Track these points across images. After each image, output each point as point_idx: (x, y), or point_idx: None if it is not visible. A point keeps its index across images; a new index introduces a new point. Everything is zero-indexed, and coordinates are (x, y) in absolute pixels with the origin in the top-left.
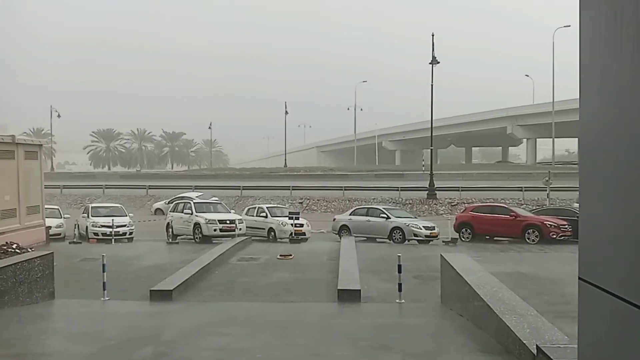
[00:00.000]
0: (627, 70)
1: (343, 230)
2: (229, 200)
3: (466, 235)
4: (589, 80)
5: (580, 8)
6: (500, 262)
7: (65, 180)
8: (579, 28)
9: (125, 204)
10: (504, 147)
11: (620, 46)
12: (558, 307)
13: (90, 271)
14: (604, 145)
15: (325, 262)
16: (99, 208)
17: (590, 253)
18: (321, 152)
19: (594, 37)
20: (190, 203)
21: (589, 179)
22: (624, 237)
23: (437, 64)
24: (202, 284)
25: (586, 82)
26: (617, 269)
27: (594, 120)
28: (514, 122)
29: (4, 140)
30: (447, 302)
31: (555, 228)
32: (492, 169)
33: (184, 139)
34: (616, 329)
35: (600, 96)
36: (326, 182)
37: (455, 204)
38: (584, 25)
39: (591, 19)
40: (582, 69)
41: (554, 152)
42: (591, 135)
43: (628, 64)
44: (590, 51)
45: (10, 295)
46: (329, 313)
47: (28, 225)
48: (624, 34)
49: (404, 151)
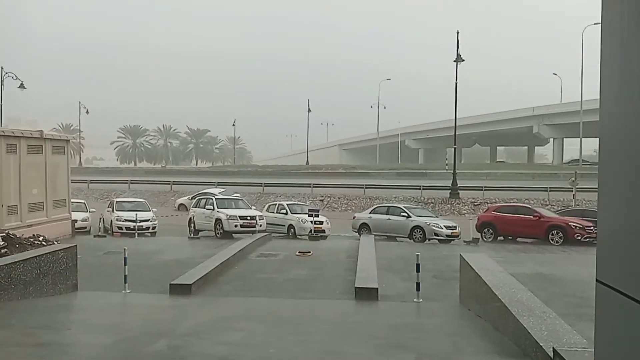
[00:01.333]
0: None
1: (363, 229)
2: (251, 197)
3: (488, 235)
4: (610, 79)
5: (602, 6)
6: (522, 263)
7: (93, 175)
8: (601, 26)
9: (150, 199)
10: (529, 146)
11: None
12: (579, 309)
13: (112, 264)
14: (624, 146)
15: (343, 260)
16: (123, 203)
17: (608, 255)
18: (343, 150)
19: (616, 36)
20: (212, 199)
21: (608, 180)
22: None
23: (461, 62)
24: (221, 279)
25: (607, 81)
26: (636, 271)
27: (614, 121)
28: (540, 121)
29: (33, 136)
30: (466, 303)
31: (580, 229)
32: (517, 169)
33: (209, 135)
34: (633, 332)
35: (620, 96)
36: (347, 180)
37: (478, 203)
38: (605, 23)
39: (613, 17)
40: (603, 68)
41: (582, 152)
42: (611, 136)
43: None
44: (612, 50)
45: (34, 286)
46: (346, 310)
47: (54, 219)
48: None
49: (427, 150)
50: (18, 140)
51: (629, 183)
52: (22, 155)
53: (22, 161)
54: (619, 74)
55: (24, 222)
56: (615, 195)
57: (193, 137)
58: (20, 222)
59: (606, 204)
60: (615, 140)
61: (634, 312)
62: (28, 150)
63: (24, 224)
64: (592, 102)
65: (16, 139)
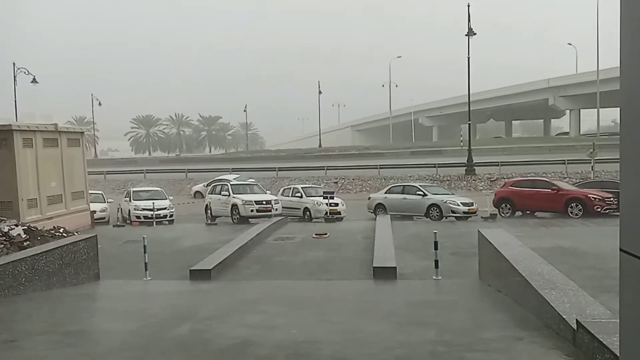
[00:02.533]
0: None
1: (379, 209)
2: (265, 182)
3: (506, 210)
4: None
5: None
6: (541, 237)
7: (108, 166)
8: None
9: (166, 187)
10: (545, 119)
11: None
12: (601, 281)
13: (132, 253)
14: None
15: (360, 241)
16: (140, 192)
17: (632, 223)
18: (356, 131)
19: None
20: (227, 185)
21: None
22: None
23: (473, 36)
24: (239, 263)
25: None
26: None
27: (636, 88)
28: (555, 93)
29: (48, 129)
30: (485, 278)
31: (600, 201)
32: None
33: (221, 122)
34: None
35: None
36: (361, 161)
37: (495, 179)
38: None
39: None
40: (622, 33)
41: (599, 123)
42: (632, 104)
43: None
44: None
45: (57, 276)
46: (365, 290)
47: (73, 210)
48: None
49: (441, 127)
50: (34, 135)
51: None
52: (38, 149)
53: (39, 155)
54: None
55: (44, 214)
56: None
57: (205, 124)
58: (41, 214)
59: (628, 173)
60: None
61: None
62: (44, 144)
63: (44, 217)
64: (608, 72)
65: (32, 133)
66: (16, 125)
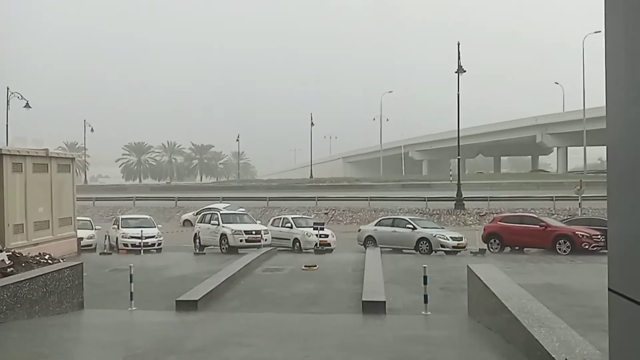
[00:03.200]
0: None
1: (368, 241)
2: (256, 211)
3: (495, 246)
4: (616, 85)
5: (605, 15)
6: (530, 274)
7: (98, 192)
8: (605, 35)
9: (155, 215)
10: (533, 156)
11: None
12: (591, 320)
13: (118, 281)
14: (633, 153)
15: (350, 273)
16: (128, 219)
17: (620, 263)
18: (347, 163)
19: (620, 45)
20: (217, 214)
21: (618, 187)
22: None
23: (463, 73)
24: (227, 294)
25: (613, 87)
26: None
27: (622, 127)
28: (543, 131)
29: (38, 154)
30: (475, 315)
31: (588, 238)
32: (522, 179)
33: (213, 151)
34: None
35: (628, 102)
36: (352, 193)
37: (484, 214)
38: (609, 32)
39: (617, 26)
40: (608, 78)
41: (586, 160)
42: (619, 142)
43: None
44: (616, 59)
45: (40, 304)
46: (353, 324)
47: (60, 237)
48: None
49: (431, 161)
50: (24, 159)
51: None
52: (27, 174)
53: (28, 180)
54: (625, 80)
55: (30, 240)
56: (626, 202)
57: (197, 152)
58: (27, 240)
59: (616, 212)
60: (624, 147)
61: None
62: (34, 169)
63: (29, 243)
64: (594, 110)
65: (22, 157)
66: (6, 150)
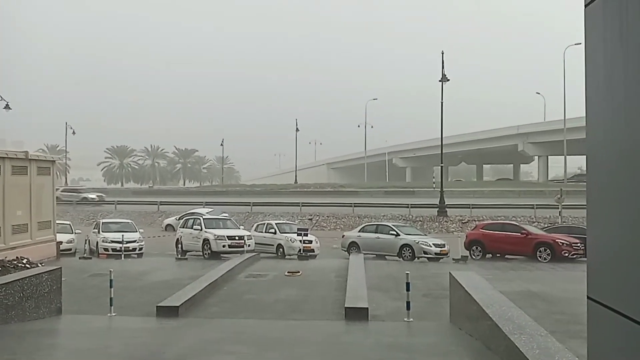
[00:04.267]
0: (634, 90)
1: (352, 247)
2: (239, 217)
3: (477, 253)
4: (595, 99)
5: (585, 28)
6: (511, 281)
7: None
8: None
9: (137, 219)
10: (515, 164)
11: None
12: (570, 327)
13: (98, 287)
14: (612, 163)
15: (333, 280)
16: (109, 224)
17: (599, 272)
18: (331, 169)
19: (599, 57)
20: (199, 219)
21: (597, 196)
22: (633, 256)
23: (446, 82)
24: (209, 300)
25: (592, 101)
26: (627, 288)
27: (601, 138)
28: (525, 140)
29: (18, 156)
30: (456, 321)
31: (568, 246)
32: (500, 187)
33: (196, 155)
34: (626, 350)
35: (607, 115)
36: (336, 199)
37: (466, 221)
38: (589, 45)
39: (597, 40)
40: (588, 89)
41: (566, 169)
42: (599, 153)
43: (634, 85)
44: (596, 71)
45: (17, 310)
46: (336, 331)
47: (39, 240)
48: (629, 55)
49: (415, 168)
50: (2, 161)
51: (617, 200)
52: (6, 176)
53: (7, 182)
54: (604, 90)
55: (7, 244)
56: (605, 211)
57: (181, 157)
58: (4, 244)
59: (596, 221)
60: (604, 157)
61: (626, 328)
62: (12, 171)
63: (7, 247)
64: (575, 120)
65: (0, 160)
66: None
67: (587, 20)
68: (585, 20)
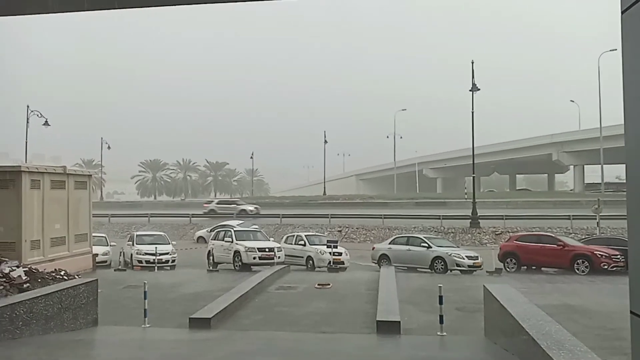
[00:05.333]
0: None
1: (383, 260)
2: (269, 229)
3: (511, 265)
4: (634, 106)
5: (622, 34)
6: (548, 294)
7: (114, 209)
8: (622, 54)
9: (169, 232)
10: (549, 174)
11: None
12: (611, 342)
13: (132, 298)
14: None
15: (363, 292)
16: (143, 236)
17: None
18: (360, 180)
19: (638, 63)
20: (230, 231)
21: (638, 206)
22: None
23: (477, 91)
24: (240, 312)
25: (631, 108)
26: None
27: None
28: (559, 149)
29: (56, 171)
30: (491, 336)
31: (607, 258)
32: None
33: (227, 168)
34: None
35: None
36: (365, 210)
37: (500, 232)
38: (627, 51)
39: (634, 45)
40: (626, 96)
41: (603, 179)
42: (638, 163)
43: None
44: (634, 77)
45: (55, 321)
46: (367, 345)
47: (76, 253)
48: None
49: (446, 179)
50: (42, 176)
51: None
52: (45, 190)
53: (46, 196)
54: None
55: (46, 256)
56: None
57: (212, 170)
58: (43, 256)
59: (637, 232)
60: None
61: None
62: (51, 186)
63: (46, 259)
64: (611, 129)
65: (40, 174)
66: (25, 167)
67: (624, 26)
68: (623, 26)
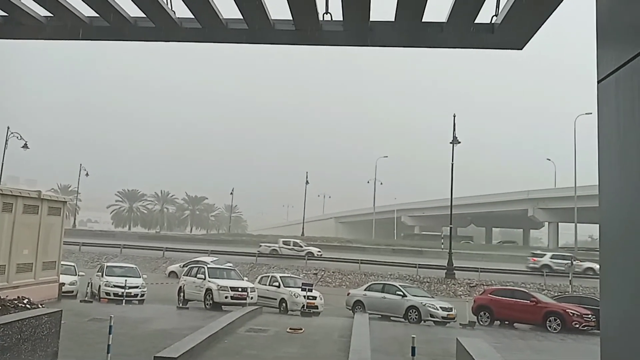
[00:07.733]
0: None
1: (357, 306)
2: (244, 267)
3: (485, 319)
4: (608, 169)
5: (598, 102)
6: (520, 351)
7: (86, 237)
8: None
9: (141, 265)
10: (525, 229)
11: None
12: None
13: (96, 332)
14: (625, 233)
15: (336, 339)
16: (113, 267)
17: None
18: (339, 223)
19: (612, 130)
20: (204, 268)
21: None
22: None
23: (457, 144)
24: (208, 353)
25: (605, 171)
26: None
27: (614, 209)
28: (535, 205)
29: (30, 195)
30: None
31: (578, 317)
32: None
33: (206, 203)
34: None
35: (619, 187)
36: (343, 254)
37: (474, 285)
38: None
39: (609, 113)
40: (600, 159)
41: (577, 237)
42: (612, 224)
43: None
44: (609, 142)
45: (12, 352)
46: None
47: (42, 281)
48: None
49: (423, 227)
50: (15, 199)
51: (632, 271)
52: (17, 214)
53: (17, 220)
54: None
55: (10, 282)
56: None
57: (190, 204)
58: (7, 282)
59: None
60: (617, 228)
61: None
62: (24, 210)
63: (9, 285)
64: (586, 189)
65: (13, 197)
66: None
67: (600, 94)
68: (598, 95)
